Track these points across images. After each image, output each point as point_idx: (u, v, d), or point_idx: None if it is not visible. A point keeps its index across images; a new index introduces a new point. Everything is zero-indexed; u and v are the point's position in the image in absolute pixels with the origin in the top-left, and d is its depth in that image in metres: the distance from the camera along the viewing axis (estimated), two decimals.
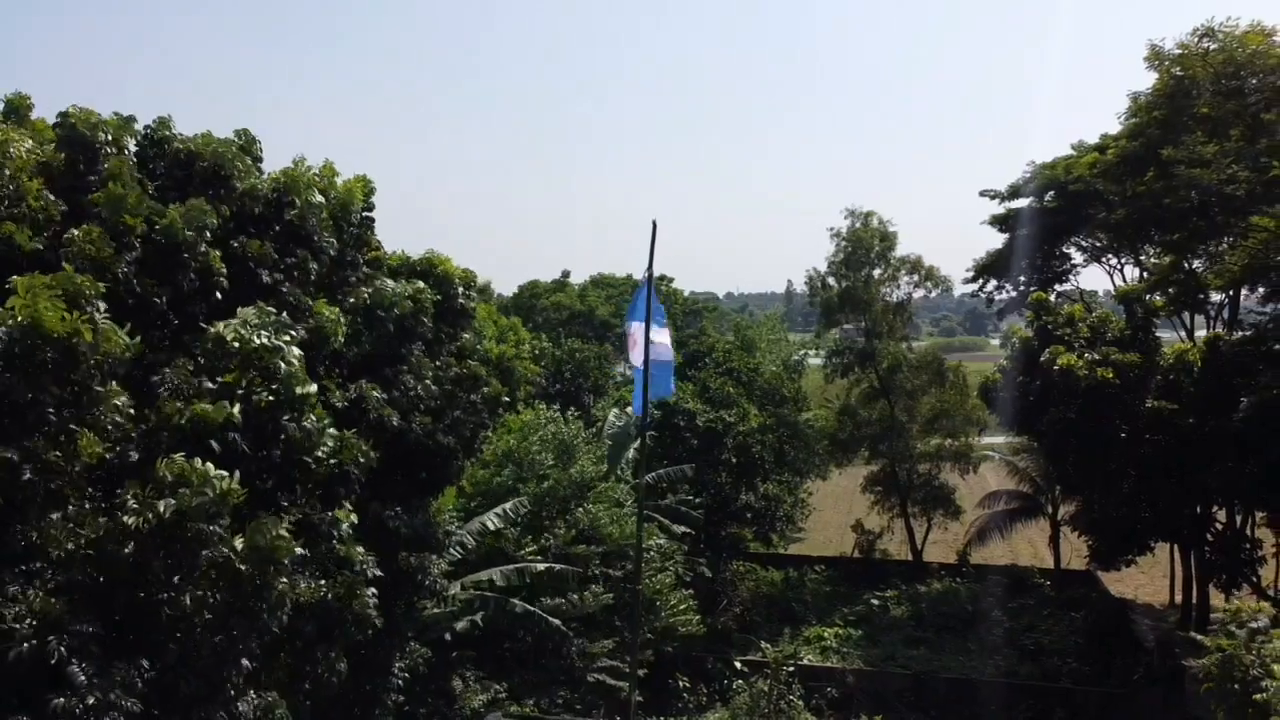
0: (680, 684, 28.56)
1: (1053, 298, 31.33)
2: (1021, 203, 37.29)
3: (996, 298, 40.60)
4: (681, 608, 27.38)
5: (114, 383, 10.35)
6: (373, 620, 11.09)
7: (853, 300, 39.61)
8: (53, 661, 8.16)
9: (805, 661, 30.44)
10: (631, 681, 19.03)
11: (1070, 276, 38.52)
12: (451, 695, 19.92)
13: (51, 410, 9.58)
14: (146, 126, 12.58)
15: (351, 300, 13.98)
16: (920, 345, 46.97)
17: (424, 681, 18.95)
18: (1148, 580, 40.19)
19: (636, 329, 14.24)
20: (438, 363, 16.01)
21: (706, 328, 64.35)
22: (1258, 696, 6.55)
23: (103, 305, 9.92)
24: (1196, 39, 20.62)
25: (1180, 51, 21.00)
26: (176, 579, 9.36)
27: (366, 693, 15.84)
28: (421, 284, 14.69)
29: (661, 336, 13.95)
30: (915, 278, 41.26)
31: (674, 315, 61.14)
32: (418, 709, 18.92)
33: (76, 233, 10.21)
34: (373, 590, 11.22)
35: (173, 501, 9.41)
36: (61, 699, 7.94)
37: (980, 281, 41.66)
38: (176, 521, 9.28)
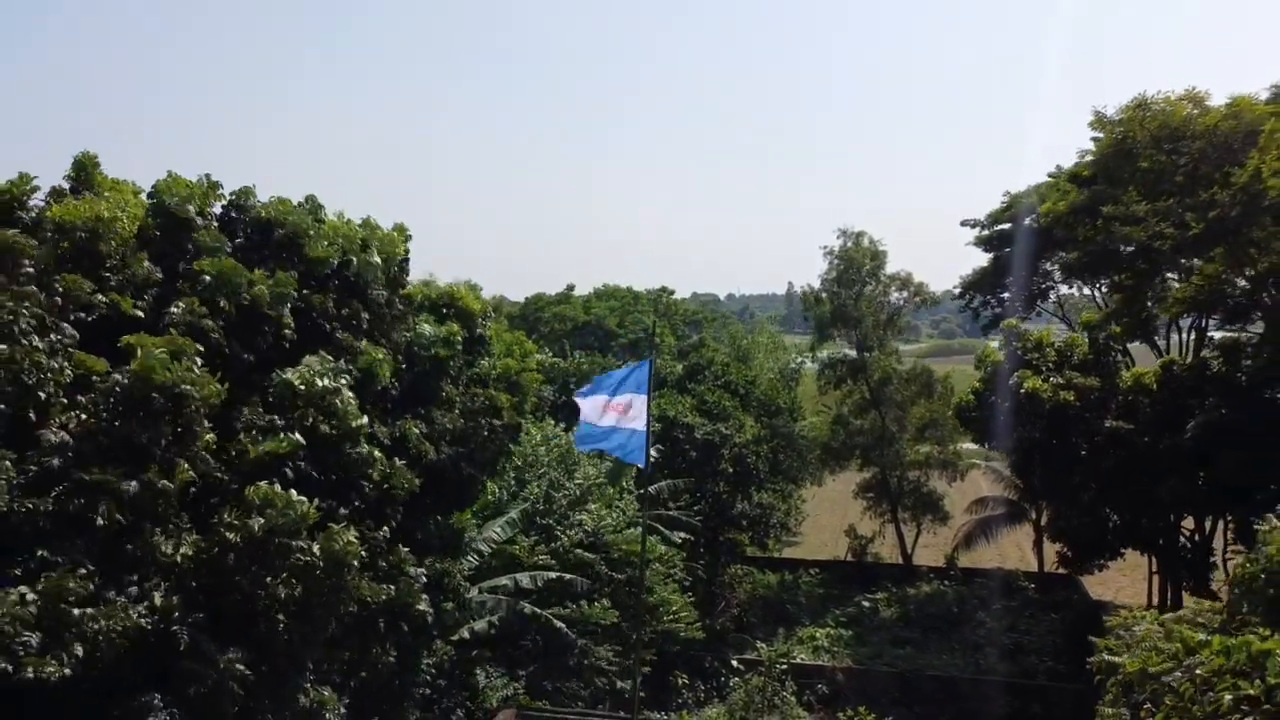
0: (680, 681, 30.47)
1: (1035, 314, 33.29)
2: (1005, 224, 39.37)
3: (983, 313, 42.52)
4: (683, 615, 29.20)
5: (206, 422, 12.44)
6: (426, 618, 13.14)
7: (844, 316, 41.61)
8: (181, 648, 10.20)
9: (798, 660, 32.36)
10: (634, 679, 20.97)
11: (1052, 293, 40.57)
12: (474, 690, 21.85)
13: (160, 446, 11.64)
14: (231, 194, 14.66)
15: (394, 339, 16.03)
16: (920, 347, 48.93)
17: (448, 677, 20.90)
18: (1129, 583, 41.98)
19: (633, 399, 14.64)
20: (462, 391, 18.04)
21: (705, 338, 66.43)
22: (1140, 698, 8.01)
23: (199, 360, 11.98)
24: (1133, 108, 22.81)
25: (1121, 116, 23.21)
26: (268, 580, 11.40)
27: (398, 687, 17.84)
28: (455, 326, 16.72)
29: (639, 405, 14.51)
30: (905, 293, 43.35)
31: (674, 325, 63.18)
32: (442, 701, 20.86)
33: (180, 306, 12.24)
34: (425, 596, 13.27)
35: (263, 520, 11.49)
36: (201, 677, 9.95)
37: (968, 297, 43.58)
38: (266, 536, 11.34)
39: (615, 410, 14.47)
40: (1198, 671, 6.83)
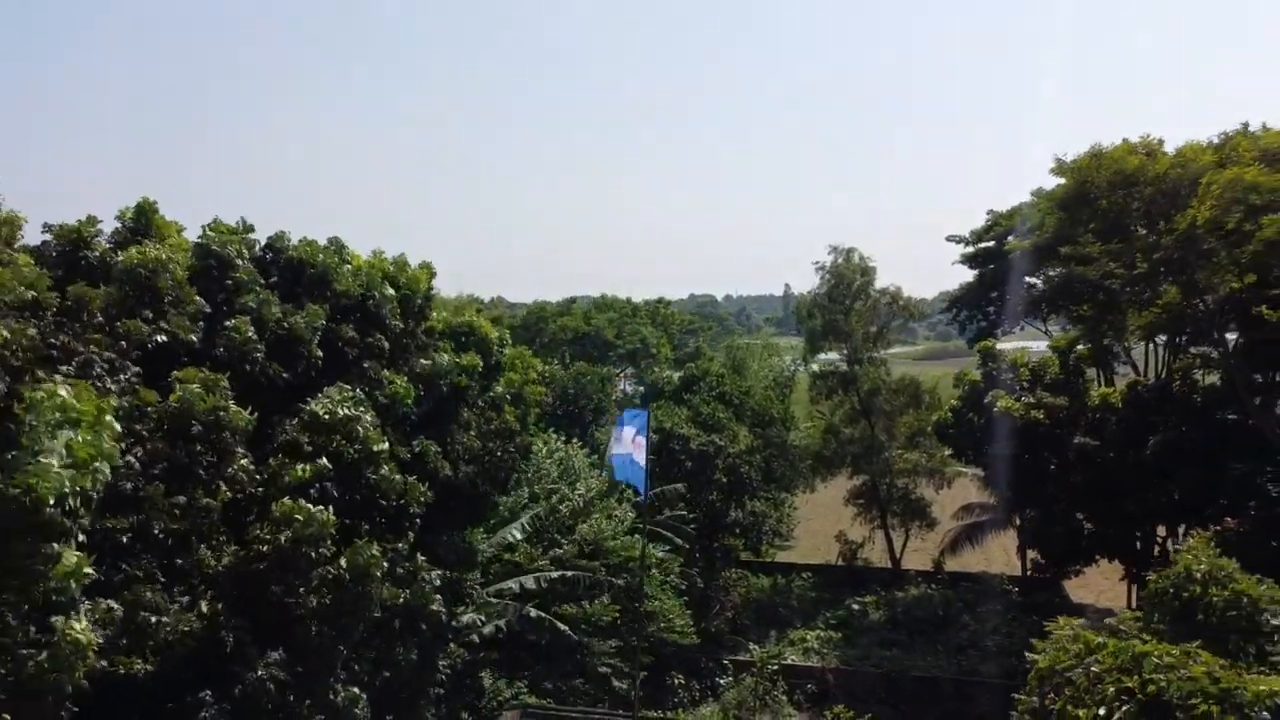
0: (676, 681, 31.87)
1: (1020, 328, 34.60)
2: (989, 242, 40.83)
3: (969, 327, 43.94)
4: (680, 624, 30.52)
5: (240, 446, 13.89)
6: (442, 619, 14.57)
7: (835, 330, 43.07)
8: (228, 650, 11.62)
9: (789, 661, 33.82)
10: (634, 679, 22.40)
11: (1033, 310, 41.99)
12: (481, 690, 23.26)
13: (201, 468, 13.08)
14: (268, 238, 16.19)
15: (415, 367, 17.50)
16: (917, 349, 50.35)
17: (459, 678, 22.30)
18: (1109, 585, 43.35)
19: (629, 434, 16.87)
20: (478, 414, 19.48)
21: (702, 347, 67.94)
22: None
23: (230, 392, 13.43)
24: (1089, 157, 24.35)
25: (1078, 164, 24.77)
26: (300, 590, 12.82)
27: (414, 687, 19.26)
28: (474, 356, 18.17)
29: (641, 440, 16.59)
30: (894, 308, 44.81)
31: (671, 334, 64.69)
32: (453, 701, 22.25)
33: (233, 323, 13.76)
34: (439, 597, 14.71)
35: (289, 532, 12.92)
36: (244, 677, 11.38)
37: (955, 311, 45.03)
38: (293, 547, 12.76)
39: (631, 443, 16.42)
40: (1093, 669, 8.22)
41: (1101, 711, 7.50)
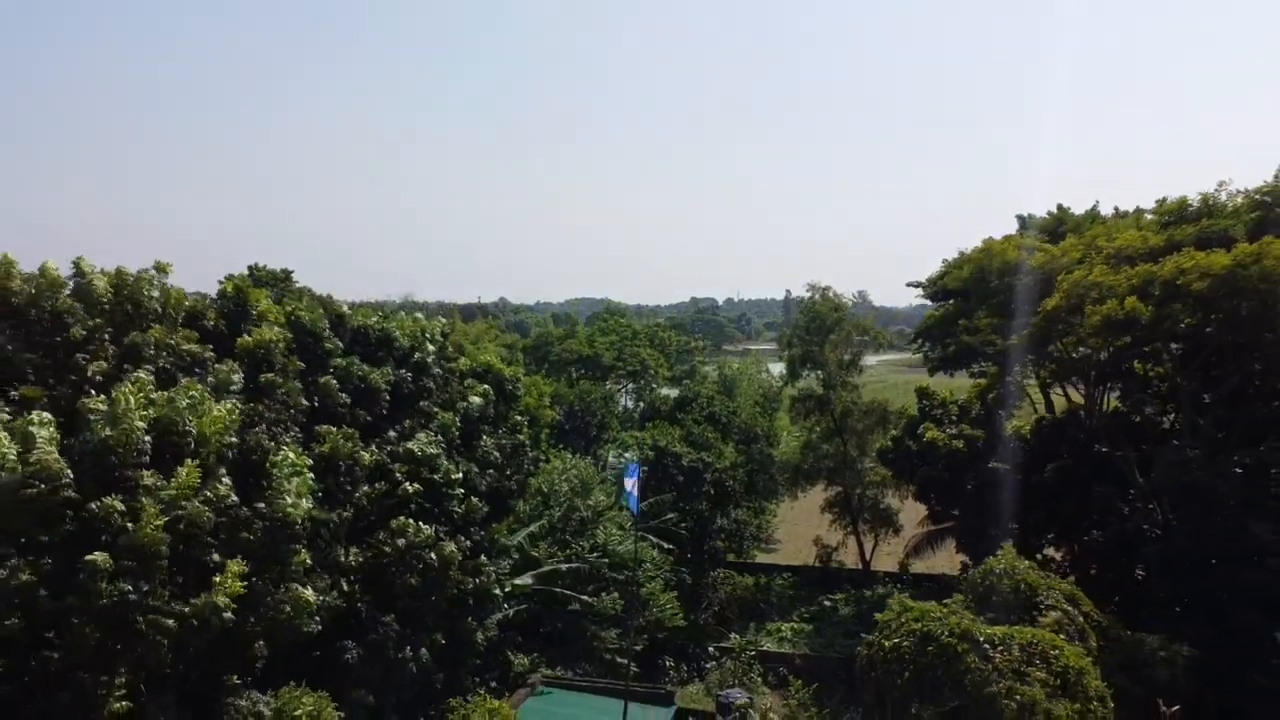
0: (667, 664, 37.60)
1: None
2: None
3: (930, 356, 49.59)
4: (670, 608, 36.26)
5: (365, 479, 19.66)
6: (500, 601, 20.37)
7: (812, 359, 48.85)
8: (362, 616, 17.44)
9: (765, 648, 39.49)
10: (628, 659, 28.08)
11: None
12: (508, 662, 29.00)
13: (341, 492, 18.87)
14: (335, 315, 21.85)
15: (455, 404, 23.32)
16: (905, 356, 55.61)
17: (490, 652, 28.04)
18: None
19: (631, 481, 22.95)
20: (499, 435, 25.29)
21: (697, 366, 73.77)
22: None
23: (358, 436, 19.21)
24: (981, 251, 30.18)
25: (974, 255, 30.75)
26: (404, 576, 18.63)
27: (457, 656, 25.03)
28: (491, 393, 24.08)
29: (634, 483, 22.62)
30: (865, 338, 50.66)
31: (668, 354, 70.43)
32: (486, 670, 28.00)
33: (324, 380, 19.48)
34: (498, 584, 20.56)
35: (403, 540, 18.73)
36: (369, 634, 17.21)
37: (919, 342, 50.72)
38: (406, 549, 18.58)
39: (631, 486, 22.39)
40: (903, 621, 13.93)
41: (898, 640, 13.16)
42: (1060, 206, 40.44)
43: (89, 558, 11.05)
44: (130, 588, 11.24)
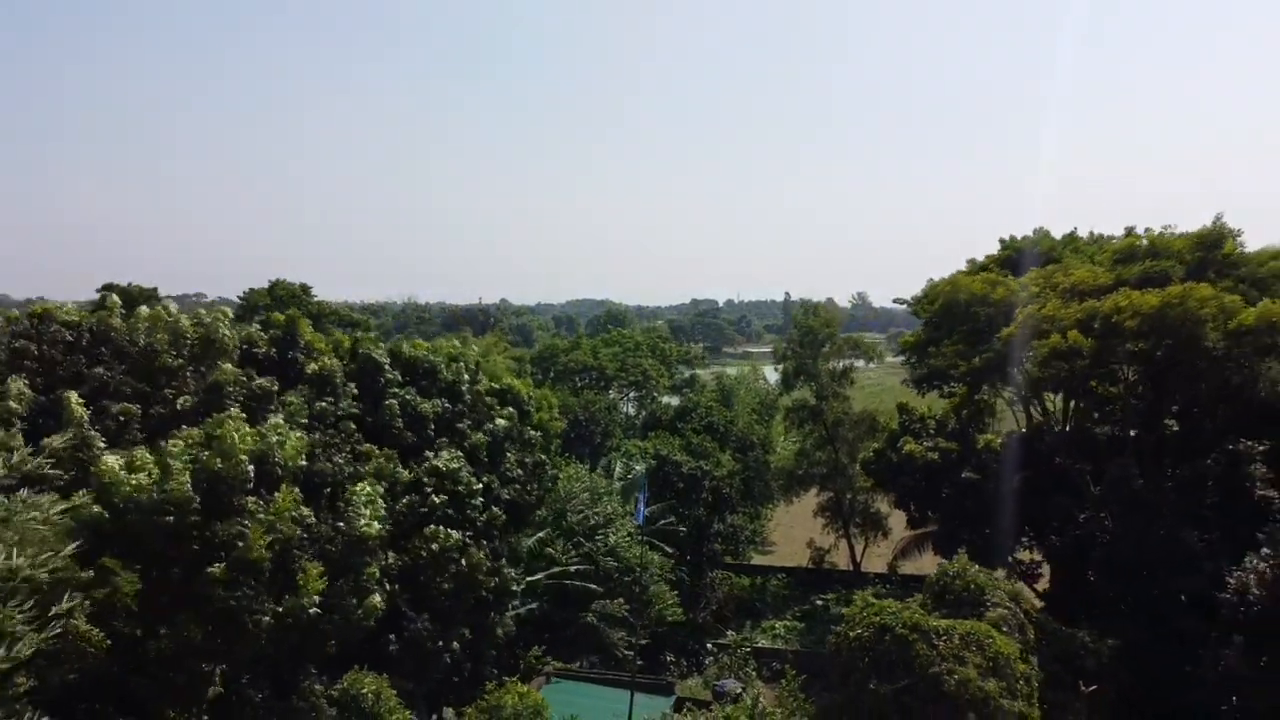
0: (668, 658, 40.46)
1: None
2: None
3: (916, 370, 52.44)
4: (671, 605, 39.09)
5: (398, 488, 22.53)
6: (518, 597, 23.22)
7: (806, 371, 51.72)
8: (402, 611, 20.29)
9: (759, 644, 42.34)
10: (634, 654, 30.89)
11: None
12: (522, 656, 31.84)
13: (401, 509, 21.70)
14: (389, 346, 24.71)
15: (485, 428, 26.20)
16: (898, 361, 57.85)
17: (508, 645, 30.89)
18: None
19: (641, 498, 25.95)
20: (519, 451, 28.15)
21: (696, 375, 76.72)
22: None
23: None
24: (948, 284, 33.24)
25: (942, 288, 33.82)
26: (437, 579, 21.50)
27: (480, 649, 27.88)
28: (513, 411, 26.91)
29: (642, 498, 25.49)
30: (857, 351, 53.54)
31: (670, 365, 73.33)
32: (504, 662, 30.85)
33: (387, 403, 22.38)
34: (517, 585, 23.42)
35: (435, 546, 21.60)
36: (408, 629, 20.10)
37: (906, 355, 53.57)
38: (441, 553, 21.45)
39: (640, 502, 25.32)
40: (864, 614, 16.80)
41: (860, 630, 16.04)
42: (1037, 230, 43.33)
43: (209, 570, 13.90)
44: (240, 594, 14.09)
